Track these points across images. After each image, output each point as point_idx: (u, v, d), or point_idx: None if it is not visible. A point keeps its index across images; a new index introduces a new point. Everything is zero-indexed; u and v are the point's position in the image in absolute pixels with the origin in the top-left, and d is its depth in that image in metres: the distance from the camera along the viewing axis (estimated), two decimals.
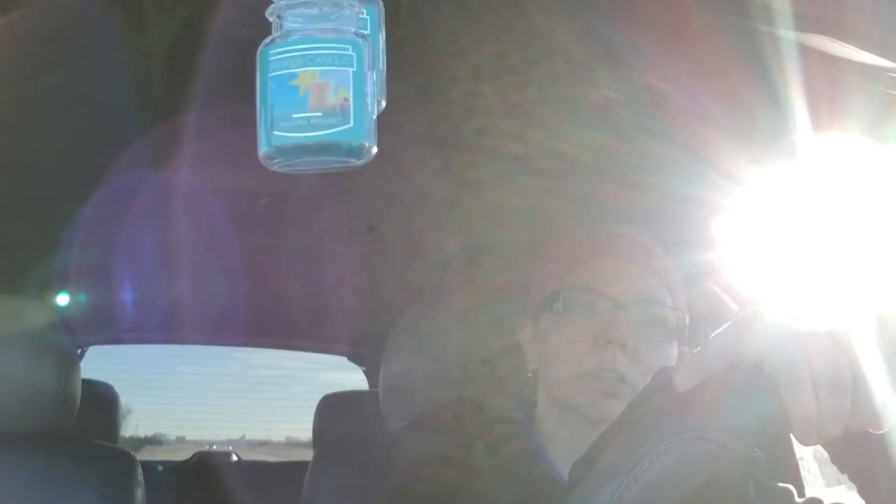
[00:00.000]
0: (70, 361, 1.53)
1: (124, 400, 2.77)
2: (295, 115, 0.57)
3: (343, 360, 3.05)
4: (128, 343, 2.99)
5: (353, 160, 0.58)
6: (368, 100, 0.58)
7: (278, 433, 3.62)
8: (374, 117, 0.59)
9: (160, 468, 3.06)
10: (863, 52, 0.72)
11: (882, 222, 0.90)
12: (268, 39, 0.59)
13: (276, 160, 0.58)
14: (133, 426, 3.39)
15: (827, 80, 0.78)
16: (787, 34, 0.74)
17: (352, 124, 0.57)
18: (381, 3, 0.63)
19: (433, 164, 1.36)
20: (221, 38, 1.02)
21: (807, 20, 0.70)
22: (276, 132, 0.57)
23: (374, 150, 0.59)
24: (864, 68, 0.75)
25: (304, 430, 3.29)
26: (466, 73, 1.08)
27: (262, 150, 0.58)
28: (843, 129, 0.83)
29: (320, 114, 0.57)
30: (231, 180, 1.46)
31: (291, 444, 3.54)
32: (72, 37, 1.06)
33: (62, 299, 2.20)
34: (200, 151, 1.33)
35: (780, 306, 0.55)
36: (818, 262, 0.99)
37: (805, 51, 0.76)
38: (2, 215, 1.59)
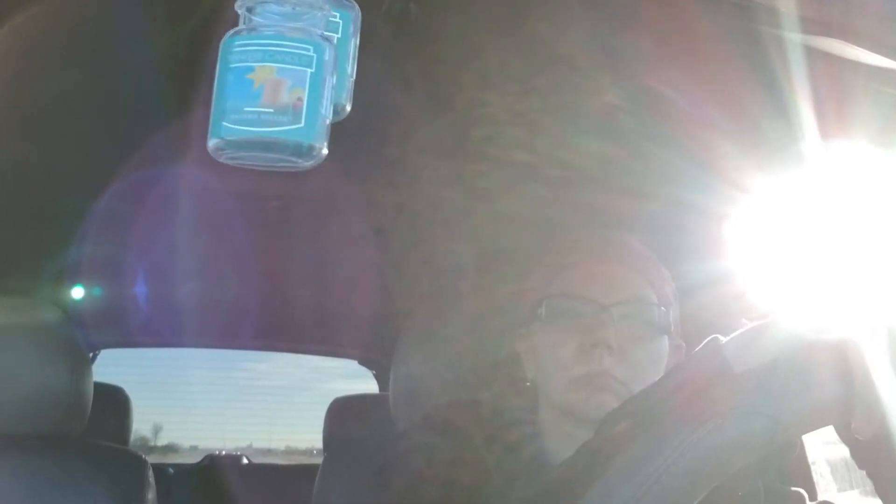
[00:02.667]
0: (82, 364, 1.54)
1: (150, 412, 2.80)
2: (246, 109, 0.56)
3: (350, 368, 3.05)
4: (139, 346, 3.00)
5: (299, 160, 0.57)
6: (324, 102, 0.57)
7: (287, 442, 3.64)
8: (328, 121, 0.58)
9: (171, 471, 3.07)
10: (871, 54, 0.72)
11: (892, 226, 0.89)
12: (233, 31, 0.59)
13: (224, 152, 0.58)
14: (147, 432, 3.44)
15: (835, 83, 0.78)
16: (794, 37, 0.74)
17: (302, 125, 0.56)
18: (359, 8, 0.62)
19: (441, 172, 1.37)
20: None
21: (813, 22, 0.70)
22: (225, 123, 0.56)
23: (325, 152, 0.58)
24: (872, 71, 0.75)
25: (308, 439, 3.33)
26: (474, 81, 1.08)
27: (211, 141, 0.57)
28: (852, 133, 0.83)
29: (271, 110, 0.56)
30: (242, 183, 1.46)
31: (293, 451, 3.57)
32: (85, 36, 1.06)
33: (75, 301, 2.21)
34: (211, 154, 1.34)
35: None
36: (833, 270, 0.99)
37: (812, 53, 0.75)
38: (15, 217, 1.60)
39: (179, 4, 1.01)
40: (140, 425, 3.33)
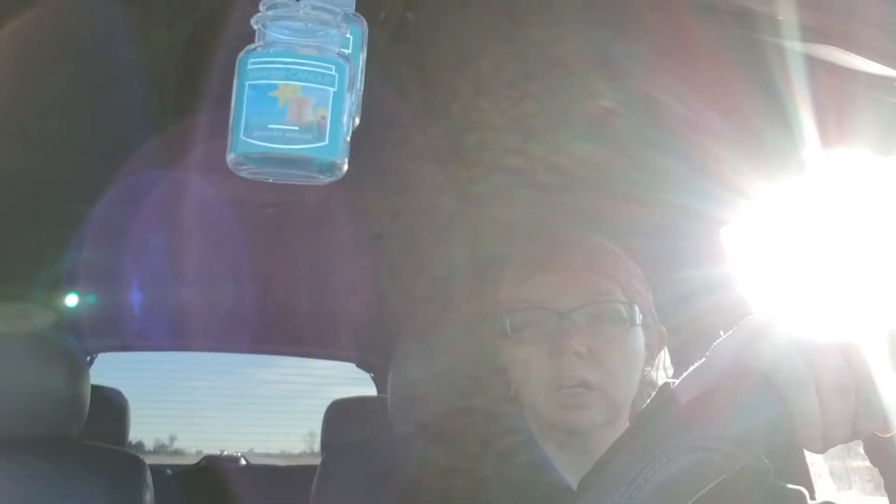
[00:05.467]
0: (79, 367, 1.54)
1: (166, 423, 2.79)
2: (271, 126, 0.57)
3: (350, 375, 3.05)
4: (135, 350, 3.00)
5: (322, 176, 0.59)
6: (345, 119, 0.59)
7: (283, 446, 3.66)
8: (349, 137, 0.60)
9: (169, 472, 3.08)
10: (871, 62, 0.72)
11: (890, 232, 0.89)
12: (250, 47, 0.59)
13: (244, 166, 0.59)
14: (148, 437, 3.45)
15: (835, 92, 0.78)
16: (794, 45, 0.74)
17: (326, 142, 0.57)
18: (365, 23, 0.63)
19: (439, 178, 1.36)
20: (229, 48, 1.02)
21: (813, 31, 0.70)
22: (248, 139, 0.57)
23: (345, 168, 0.59)
24: (872, 79, 0.75)
25: (304, 444, 3.34)
26: (471, 88, 1.08)
27: (232, 155, 0.58)
28: (852, 140, 0.83)
29: (296, 128, 0.57)
30: (239, 189, 1.46)
31: (288, 455, 3.58)
32: (81, 41, 1.06)
33: (72, 305, 2.21)
34: (209, 160, 1.33)
35: (783, 315, 0.55)
36: (825, 275, 0.99)
37: (812, 62, 0.75)
38: (12, 220, 1.60)
39: (176, 9, 1.01)
40: (153, 430, 3.36)
